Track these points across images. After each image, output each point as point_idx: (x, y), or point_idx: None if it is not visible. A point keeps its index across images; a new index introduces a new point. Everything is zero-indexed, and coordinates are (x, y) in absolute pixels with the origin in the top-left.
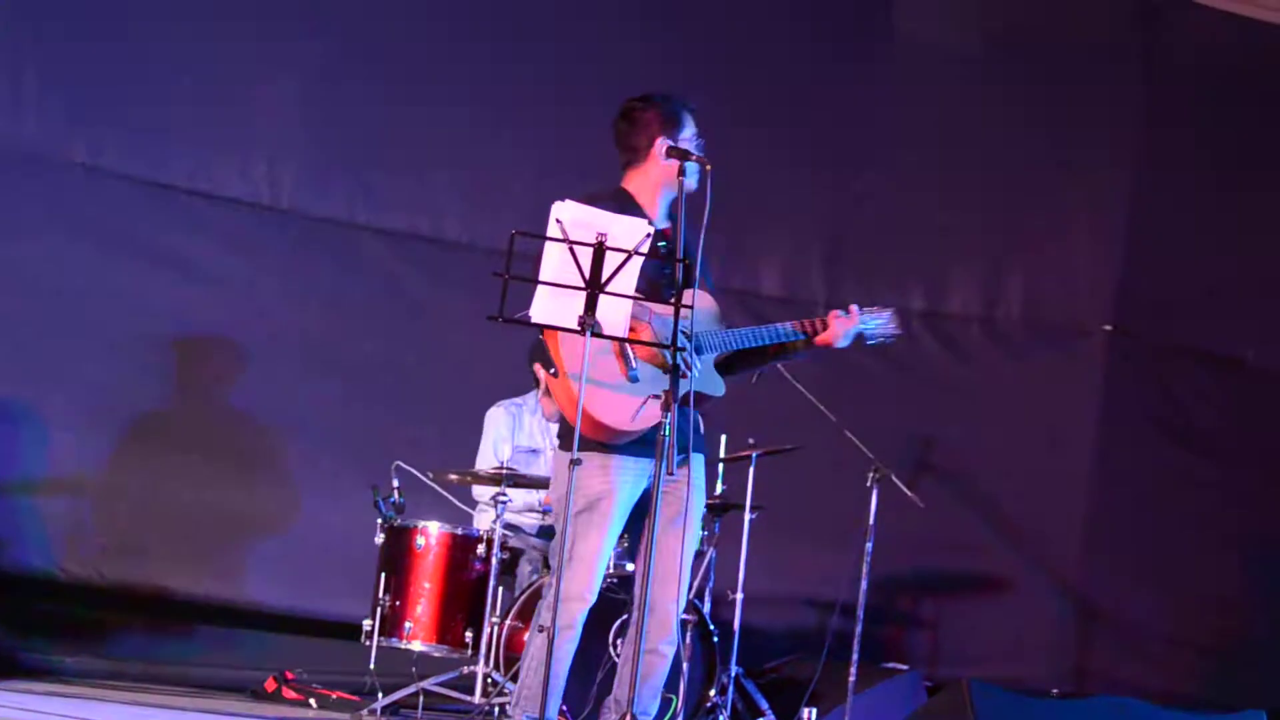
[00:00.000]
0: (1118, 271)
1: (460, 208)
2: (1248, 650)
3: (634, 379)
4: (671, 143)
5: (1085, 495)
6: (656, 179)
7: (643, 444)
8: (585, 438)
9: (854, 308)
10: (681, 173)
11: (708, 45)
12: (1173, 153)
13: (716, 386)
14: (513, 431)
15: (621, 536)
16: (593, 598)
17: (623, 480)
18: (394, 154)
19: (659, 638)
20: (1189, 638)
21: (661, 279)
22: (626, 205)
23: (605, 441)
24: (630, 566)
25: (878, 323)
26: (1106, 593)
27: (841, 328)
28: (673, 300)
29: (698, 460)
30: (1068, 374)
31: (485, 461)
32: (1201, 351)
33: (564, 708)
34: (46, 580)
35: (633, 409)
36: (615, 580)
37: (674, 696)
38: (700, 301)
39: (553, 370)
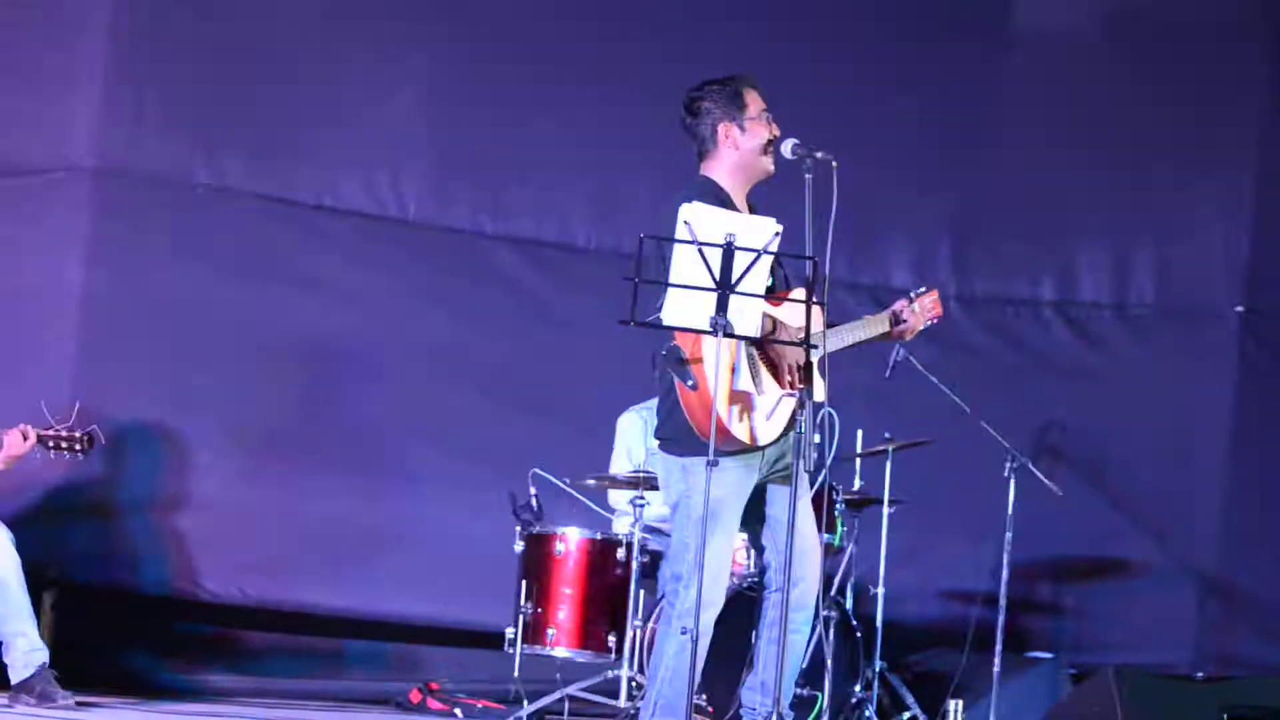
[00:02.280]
0: (1248, 252)
1: (587, 213)
2: None
3: (760, 391)
4: (738, 126)
5: (1222, 478)
6: (732, 166)
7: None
8: (701, 443)
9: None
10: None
11: (834, 45)
12: None
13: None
14: (645, 435)
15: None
16: (721, 601)
17: (738, 483)
18: (518, 161)
19: (799, 617)
20: None
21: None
22: (716, 195)
23: (721, 448)
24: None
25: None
26: (1247, 575)
27: (913, 325)
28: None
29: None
30: (1201, 357)
31: (619, 467)
32: None
33: (709, 707)
34: (188, 600)
35: (762, 422)
36: (756, 579)
37: (820, 694)
38: (794, 295)
39: (691, 384)
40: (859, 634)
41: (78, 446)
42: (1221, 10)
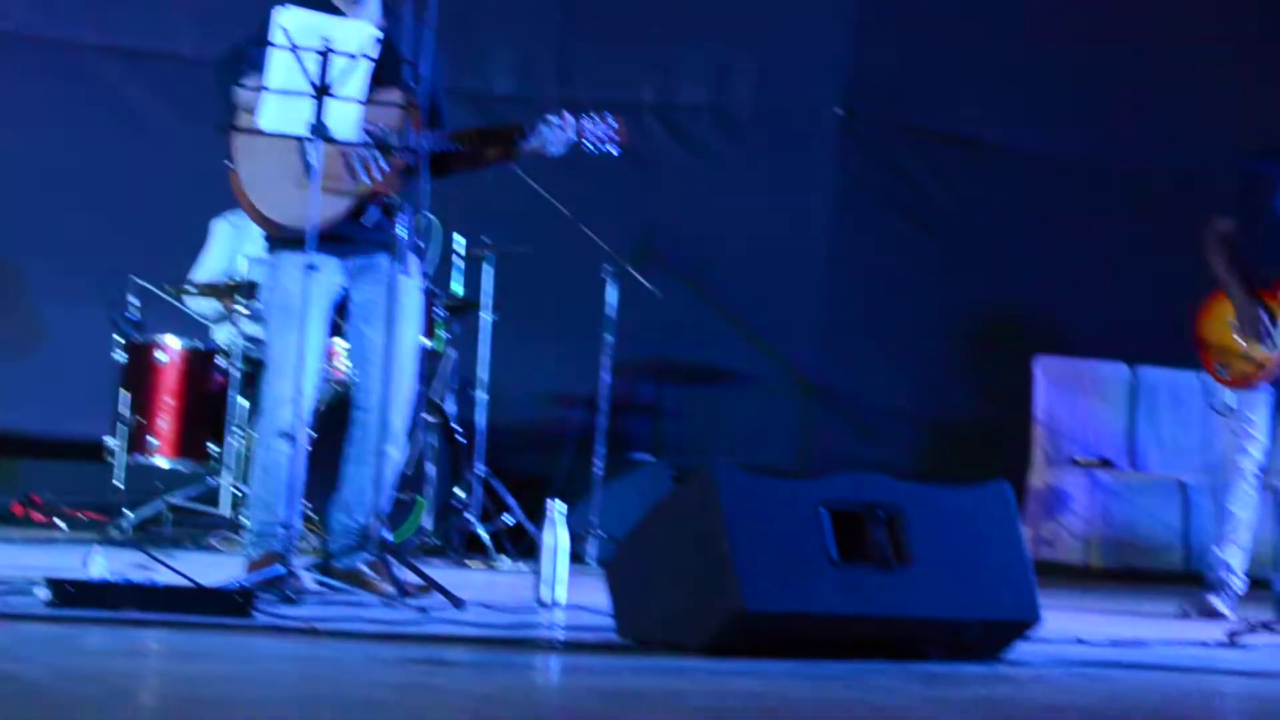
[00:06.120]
0: (848, 54)
1: (192, 24)
2: (987, 427)
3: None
4: None
5: (821, 280)
6: None
7: (337, 241)
8: (271, 238)
9: (567, 115)
10: None
11: None
12: None
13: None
14: (241, 243)
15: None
16: (305, 401)
17: (310, 278)
18: None
19: (381, 439)
20: (931, 416)
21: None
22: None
23: (277, 236)
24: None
25: (598, 131)
26: (846, 377)
27: (550, 137)
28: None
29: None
30: (801, 160)
31: (206, 273)
32: (935, 132)
33: (311, 512)
34: None
35: (299, 204)
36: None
37: (420, 498)
38: (386, 97)
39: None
40: (461, 439)
41: None
42: None
